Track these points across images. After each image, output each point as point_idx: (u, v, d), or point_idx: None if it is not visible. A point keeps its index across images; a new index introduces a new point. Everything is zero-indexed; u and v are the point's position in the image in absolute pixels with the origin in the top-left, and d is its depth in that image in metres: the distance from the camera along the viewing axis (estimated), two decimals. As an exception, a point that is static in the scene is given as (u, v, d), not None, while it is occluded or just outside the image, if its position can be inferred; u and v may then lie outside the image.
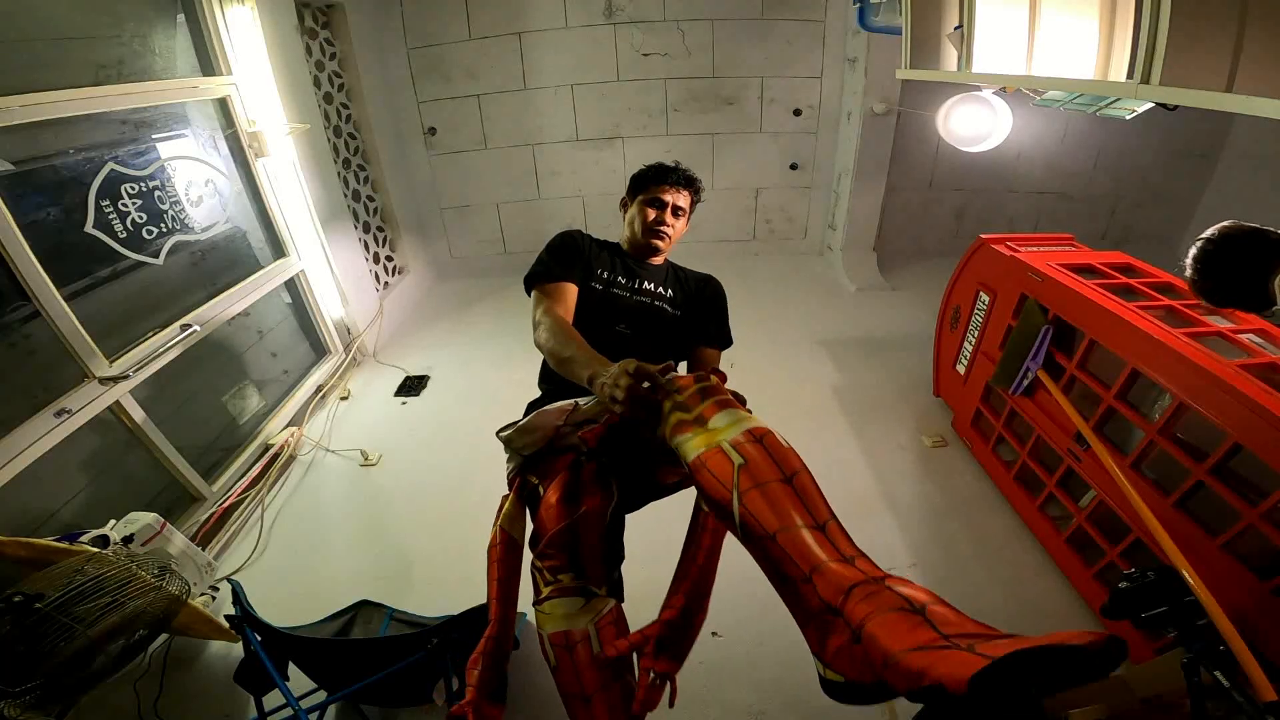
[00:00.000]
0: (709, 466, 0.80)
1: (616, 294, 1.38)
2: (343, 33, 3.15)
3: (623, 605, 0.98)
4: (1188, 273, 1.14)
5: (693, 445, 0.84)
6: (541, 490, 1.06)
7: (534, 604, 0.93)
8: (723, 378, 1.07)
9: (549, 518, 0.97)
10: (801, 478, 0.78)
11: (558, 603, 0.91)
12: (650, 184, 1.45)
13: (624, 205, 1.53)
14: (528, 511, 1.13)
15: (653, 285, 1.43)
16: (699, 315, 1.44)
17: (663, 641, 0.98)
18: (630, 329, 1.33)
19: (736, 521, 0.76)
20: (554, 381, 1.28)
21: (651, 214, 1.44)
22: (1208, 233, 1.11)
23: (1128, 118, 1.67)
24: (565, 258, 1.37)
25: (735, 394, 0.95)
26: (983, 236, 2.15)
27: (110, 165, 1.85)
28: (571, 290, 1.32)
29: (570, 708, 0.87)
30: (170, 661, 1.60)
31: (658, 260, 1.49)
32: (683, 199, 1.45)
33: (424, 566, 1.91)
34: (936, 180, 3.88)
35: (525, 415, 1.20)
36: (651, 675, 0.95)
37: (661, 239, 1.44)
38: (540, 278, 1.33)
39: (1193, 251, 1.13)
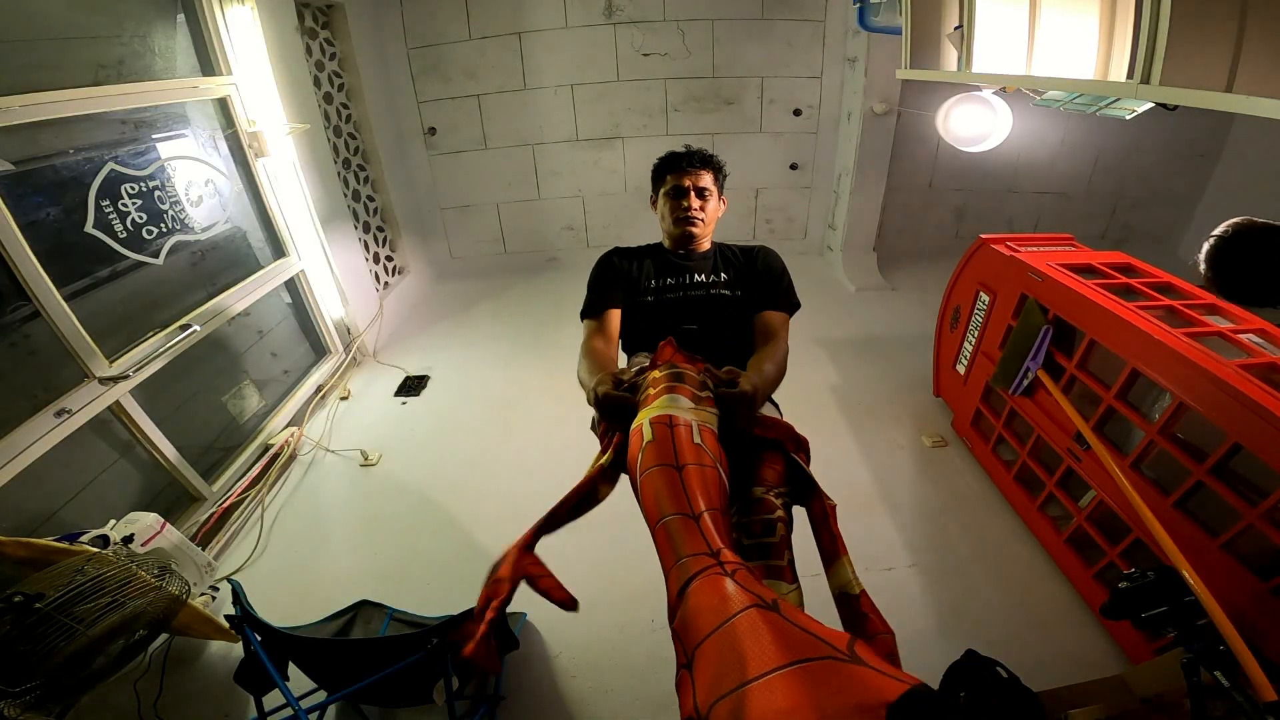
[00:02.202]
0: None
1: (670, 298, 1.37)
2: (343, 33, 3.15)
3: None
4: (1201, 268, 1.14)
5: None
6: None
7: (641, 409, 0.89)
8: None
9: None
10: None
11: (667, 398, 0.86)
12: (667, 174, 1.43)
13: (653, 203, 1.51)
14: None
15: (704, 275, 1.40)
16: (758, 286, 1.40)
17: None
18: (697, 324, 1.33)
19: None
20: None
21: (675, 204, 1.42)
22: (1219, 229, 1.12)
23: (1128, 118, 1.67)
24: (604, 286, 1.40)
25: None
26: (983, 236, 2.14)
27: (110, 165, 1.85)
28: (613, 315, 1.37)
29: (654, 479, 0.75)
30: (170, 661, 1.60)
31: (702, 247, 1.46)
32: (704, 179, 1.42)
33: (424, 566, 1.91)
34: (936, 180, 3.88)
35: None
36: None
37: (694, 225, 1.41)
38: (585, 312, 1.39)
39: (1205, 247, 1.13)
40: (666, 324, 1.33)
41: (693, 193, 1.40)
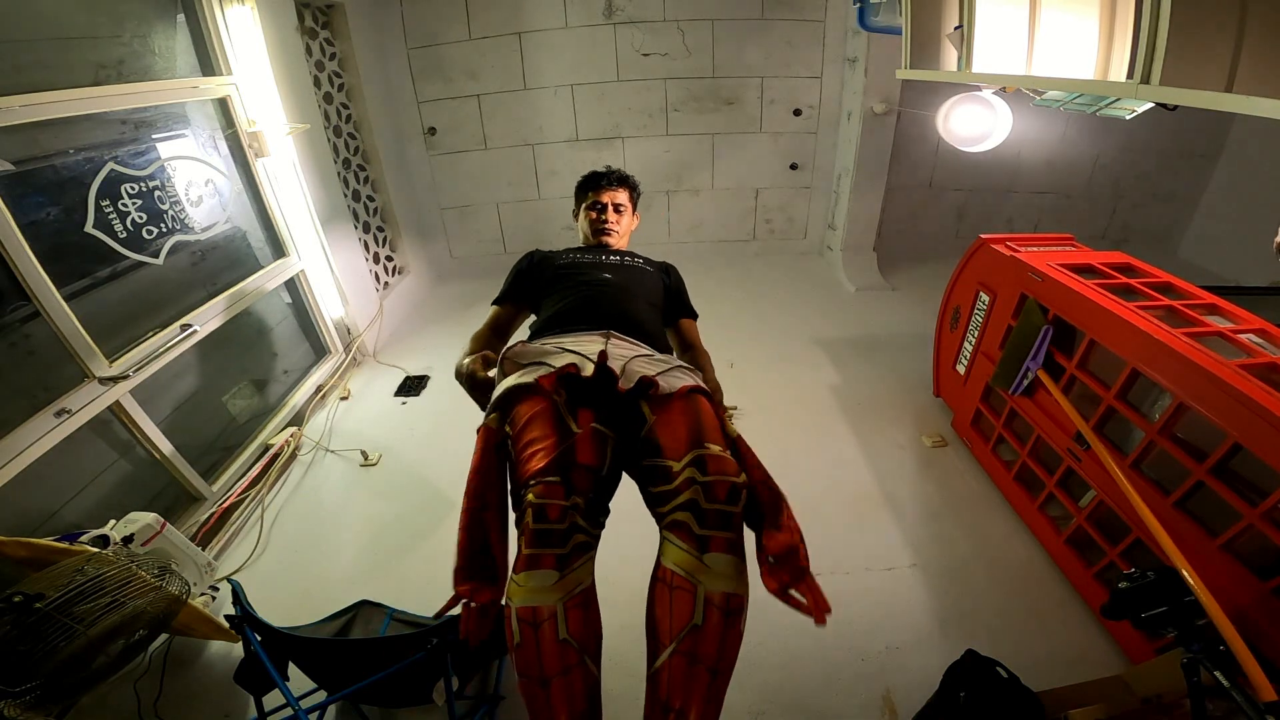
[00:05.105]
0: (674, 597, 0.86)
1: (585, 260, 1.50)
2: (343, 33, 3.15)
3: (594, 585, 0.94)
4: None
5: (674, 557, 0.89)
6: (516, 437, 1.02)
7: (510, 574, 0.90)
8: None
9: (535, 453, 0.95)
10: (720, 681, 0.84)
11: (529, 575, 0.86)
12: (589, 190, 1.63)
13: (575, 215, 1.70)
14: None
15: (618, 255, 1.56)
16: (672, 298, 1.56)
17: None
18: (612, 275, 1.43)
19: (655, 665, 0.84)
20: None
21: (594, 215, 1.61)
22: None
23: (1128, 118, 1.67)
24: (514, 279, 1.53)
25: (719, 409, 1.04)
26: (983, 236, 2.14)
27: (110, 165, 1.85)
28: (508, 309, 1.50)
29: (526, 690, 0.84)
30: (170, 661, 1.60)
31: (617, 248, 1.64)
32: (620, 196, 1.62)
33: (424, 566, 1.91)
34: (936, 180, 3.88)
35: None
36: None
37: (609, 234, 1.60)
38: (495, 300, 1.52)
39: None
40: (585, 274, 1.42)
41: (610, 208, 1.61)
